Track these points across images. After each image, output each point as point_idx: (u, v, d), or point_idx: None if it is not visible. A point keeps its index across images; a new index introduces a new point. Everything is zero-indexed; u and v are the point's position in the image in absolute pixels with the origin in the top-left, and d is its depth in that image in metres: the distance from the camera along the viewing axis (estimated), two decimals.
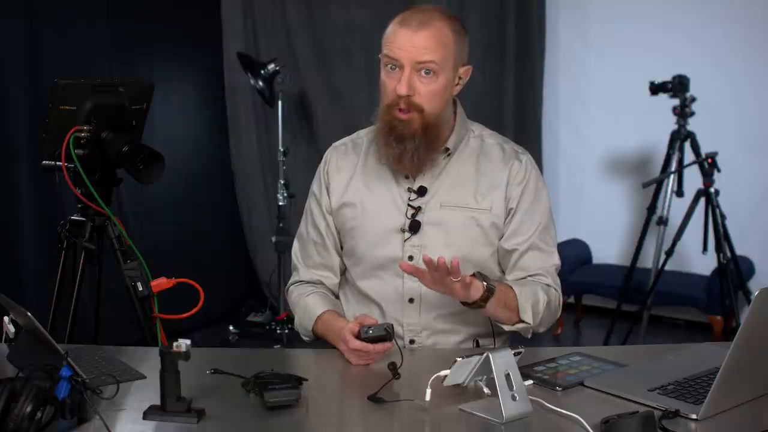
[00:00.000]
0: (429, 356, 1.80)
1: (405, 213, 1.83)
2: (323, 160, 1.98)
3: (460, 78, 1.82)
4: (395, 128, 1.76)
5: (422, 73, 1.72)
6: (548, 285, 1.84)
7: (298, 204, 4.69)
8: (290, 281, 2.01)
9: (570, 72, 4.91)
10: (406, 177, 1.85)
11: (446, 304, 1.83)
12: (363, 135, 1.97)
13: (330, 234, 1.94)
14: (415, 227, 1.82)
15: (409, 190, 1.84)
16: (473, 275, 1.66)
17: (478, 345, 1.87)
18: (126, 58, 4.15)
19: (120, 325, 2.72)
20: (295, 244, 2.02)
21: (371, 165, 1.90)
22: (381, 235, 1.84)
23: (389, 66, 1.75)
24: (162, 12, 4.34)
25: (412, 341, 1.85)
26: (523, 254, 1.84)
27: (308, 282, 1.96)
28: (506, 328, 1.79)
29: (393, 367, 1.55)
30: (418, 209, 1.82)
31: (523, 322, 1.77)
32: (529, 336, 1.85)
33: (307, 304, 1.89)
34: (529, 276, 1.85)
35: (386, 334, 1.61)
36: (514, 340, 1.92)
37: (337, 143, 1.99)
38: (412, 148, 1.76)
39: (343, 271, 1.97)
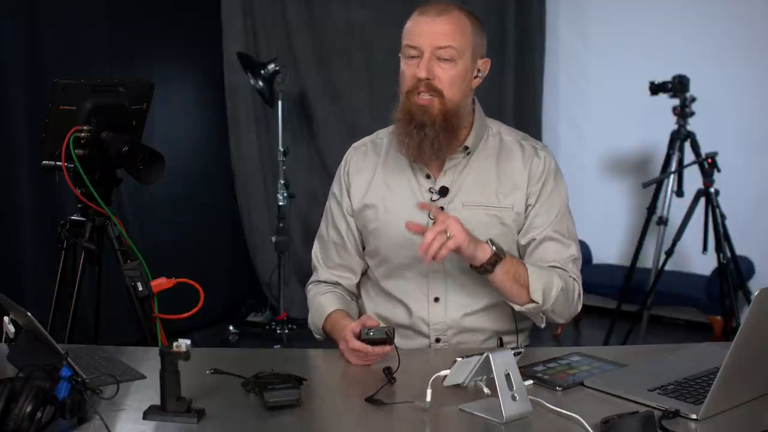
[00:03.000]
0: (428, 356, 1.81)
1: (428, 213, 1.82)
2: (343, 161, 1.97)
3: (479, 70, 1.83)
4: (415, 115, 1.76)
5: (441, 59, 1.74)
6: (570, 276, 1.82)
7: (298, 204, 4.71)
8: (310, 280, 2.02)
9: (570, 71, 4.91)
10: (428, 177, 1.86)
11: (471, 301, 1.84)
12: (383, 135, 1.97)
13: (350, 235, 1.94)
14: None
15: (431, 190, 1.84)
16: (486, 242, 1.67)
17: (501, 343, 1.85)
18: (126, 58, 4.15)
19: (120, 325, 2.72)
20: (316, 245, 2.02)
21: (391, 165, 1.90)
22: (404, 235, 1.82)
23: (409, 55, 1.76)
24: (162, 12, 4.34)
25: (437, 340, 1.85)
26: (539, 244, 1.83)
27: (326, 282, 1.97)
28: (516, 308, 1.77)
29: (388, 372, 1.55)
30: (440, 209, 1.82)
31: (533, 302, 1.74)
32: (543, 324, 1.82)
33: (320, 303, 1.90)
34: (547, 266, 1.83)
35: (386, 338, 1.61)
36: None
37: (357, 144, 1.99)
38: (432, 135, 1.76)
39: (365, 271, 1.98)
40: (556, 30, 4.86)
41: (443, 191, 1.84)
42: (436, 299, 1.85)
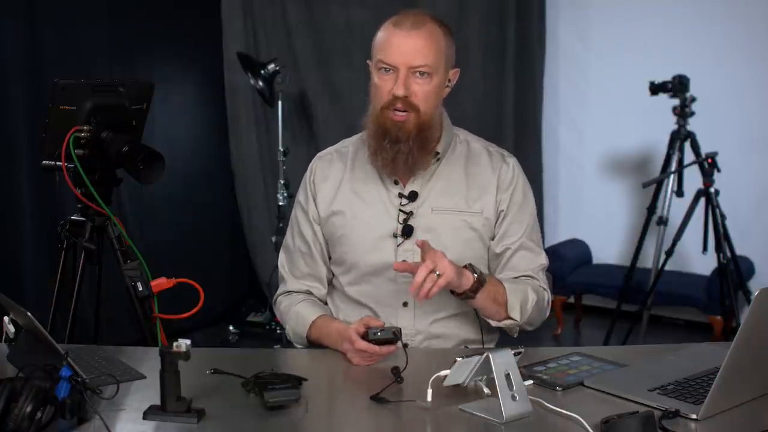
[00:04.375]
0: (429, 356, 1.80)
1: (397, 218, 1.83)
2: (309, 170, 1.97)
3: (449, 80, 1.83)
4: (389, 131, 1.76)
5: (417, 74, 1.74)
6: (540, 286, 1.86)
7: None
8: (278, 292, 1.99)
9: (570, 72, 4.91)
10: (396, 183, 1.86)
11: (440, 308, 1.84)
12: (348, 144, 1.97)
13: (317, 244, 1.93)
14: (407, 232, 1.82)
15: (400, 195, 1.84)
16: (465, 267, 1.68)
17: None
18: (126, 58, 4.15)
19: (120, 325, 2.72)
20: (282, 256, 2.00)
21: (359, 172, 1.90)
22: (373, 241, 1.84)
23: (383, 69, 1.76)
24: (162, 12, 4.34)
25: (405, 345, 1.84)
26: (513, 254, 1.86)
27: (297, 292, 1.95)
28: (493, 323, 1.80)
29: (396, 372, 1.55)
30: (409, 214, 1.83)
31: (511, 318, 1.78)
32: (515, 334, 1.85)
33: (299, 312, 1.88)
34: (522, 276, 1.87)
35: (394, 338, 1.62)
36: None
37: (322, 153, 1.99)
38: (407, 150, 1.77)
39: (330, 280, 1.97)
40: (555, 32, 4.86)
41: (413, 196, 1.84)
42: (405, 304, 1.85)
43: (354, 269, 1.88)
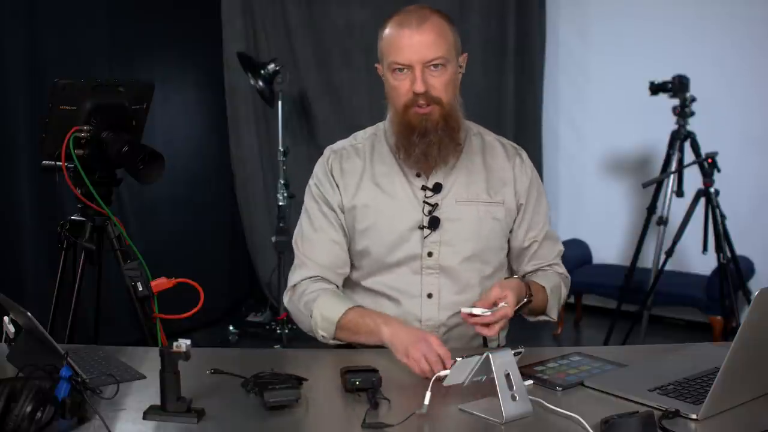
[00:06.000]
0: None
1: (422, 210, 1.84)
2: (326, 162, 1.93)
3: (460, 66, 1.85)
4: (416, 126, 1.78)
5: (432, 68, 1.75)
6: (564, 275, 1.99)
7: (298, 204, 4.69)
8: (300, 277, 1.88)
9: (570, 71, 4.91)
10: (418, 175, 1.86)
11: (464, 299, 1.85)
12: (361, 140, 1.96)
13: (345, 231, 1.90)
14: (434, 223, 1.83)
15: (424, 188, 1.85)
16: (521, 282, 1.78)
17: (485, 344, 1.87)
18: (126, 58, 4.15)
19: (120, 325, 2.72)
20: (300, 245, 1.92)
21: (379, 167, 1.90)
22: (399, 233, 1.85)
23: (397, 70, 1.77)
24: (162, 12, 4.34)
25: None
26: (540, 245, 1.94)
27: (324, 279, 1.88)
28: (530, 319, 1.91)
29: (372, 396, 1.45)
30: (434, 206, 1.84)
31: (547, 316, 1.89)
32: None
33: (331, 297, 1.80)
34: (546, 265, 1.96)
35: (371, 387, 1.48)
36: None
37: (335, 147, 1.97)
38: (437, 140, 1.78)
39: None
40: (556, 30, 4.87)
41: (437, 188, 1.85)
42: (430, 295, 1.86)
43: (376, 261, 1.88)
